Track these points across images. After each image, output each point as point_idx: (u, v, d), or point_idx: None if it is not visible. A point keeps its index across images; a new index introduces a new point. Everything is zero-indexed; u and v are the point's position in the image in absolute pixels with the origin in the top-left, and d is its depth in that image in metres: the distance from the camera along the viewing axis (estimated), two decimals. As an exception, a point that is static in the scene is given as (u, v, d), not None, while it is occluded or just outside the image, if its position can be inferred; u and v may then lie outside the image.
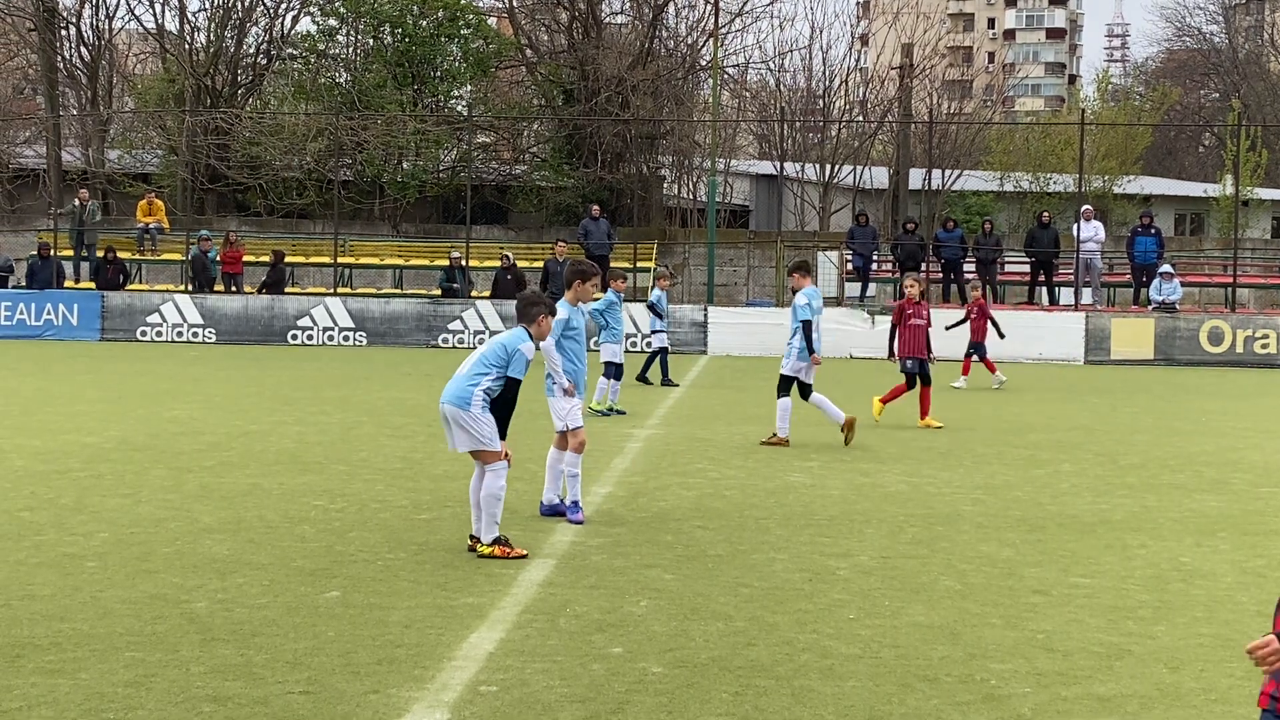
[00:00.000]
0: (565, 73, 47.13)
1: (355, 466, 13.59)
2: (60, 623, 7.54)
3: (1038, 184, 52.45)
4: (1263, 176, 55.28)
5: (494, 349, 9.60)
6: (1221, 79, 76.04)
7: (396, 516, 10.87)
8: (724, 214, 49.28)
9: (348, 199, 43.46)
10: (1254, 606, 8.42)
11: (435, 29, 45.98)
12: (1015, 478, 13.73)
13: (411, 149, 44.70)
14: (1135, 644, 7.48)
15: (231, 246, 37.16)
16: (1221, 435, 17.99)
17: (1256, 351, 32.95)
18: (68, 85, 51.40)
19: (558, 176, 45.02)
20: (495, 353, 9.55)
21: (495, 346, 9.62)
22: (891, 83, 57.47)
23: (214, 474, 12.98)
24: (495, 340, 9.75)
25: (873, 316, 34.07)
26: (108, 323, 35.14)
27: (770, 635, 7.50)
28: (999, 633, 7.65)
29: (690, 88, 51.87)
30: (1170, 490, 13.09)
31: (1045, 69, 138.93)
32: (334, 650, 7.08)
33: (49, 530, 10.13)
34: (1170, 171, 69.35)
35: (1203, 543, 10.45)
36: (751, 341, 33.59)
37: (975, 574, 9.17)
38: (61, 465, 13.33)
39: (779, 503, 11.95)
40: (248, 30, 49.26)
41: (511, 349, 9.53)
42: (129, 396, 20.80)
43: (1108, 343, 33.25)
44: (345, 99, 45.21)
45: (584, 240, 36.66)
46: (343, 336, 34.90)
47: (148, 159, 48.36)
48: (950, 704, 6.37)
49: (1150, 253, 35.58)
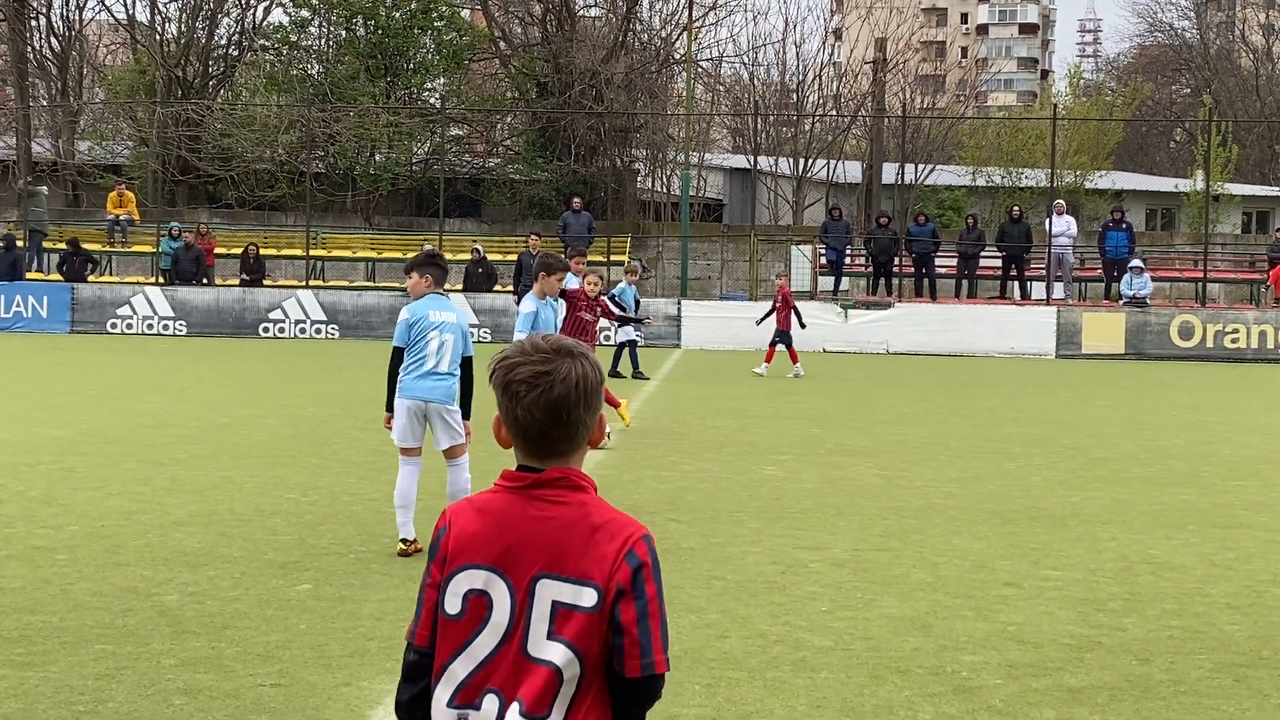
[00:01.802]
0: (539, 65, 47.05)
1: (327, 460, 13.54)
2: (30, 615, 7.50)
3: (1010, 179, 52.61)
4: (1233, 172, 55.57)
5: (461, 338, 9.38)
6: (1193, 74, 76.39)
7: (368, 510, 10.84)
8: (698, 208, 49.29)
9: (320, 191, 43.32)
10: (1223, 599, 8.47)
11: (408, 21, 45.84)
12: (987, 471, 13.78)
13: (384, 141, 44.56)
14: (1105, 636, 7.51)
15: (203, 239, 36.99)
16: (1191, 429, 18.09)
17: (1226, 346, 33.14)
18: (37, 76, 51.07)
19: (531, 170, 44.96)
20: (464, 342, 9.41)
21: (460, 335, 9.37)
22: (865, 77, 57.61)
23: (185, 467, 12.92)
24: (456, 328, 9.38)
25: (845, 311, 34.14)
26: (77, 315, 34.94)
27: (743, 627, 7.52)
28: (970, 625, 7.68)
29: (664, 81, 51.89)
30: (1141, 484, 13.15)
31: (1018, 64, 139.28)
32: (306, 643, 7.06)
33: (18, 523, 10.07)
34: (1142, 167, 69.66)
35: (1173, 536, 10.50)
36: (725, 335, 33.63)
37: (947, 566, 9.20)
38: (31, 458, 13.25)
39: (752, 496, 11.96)
40: (219, 21, 49.10)
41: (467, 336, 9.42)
42: (99, 389, 20.69)
43: (1079, 337, 33.40)
44: (317, 91, 45.05)
45: (562, 234, 36.63)
46: (315, 329, 34.79)
47: (118, 150, 48.08)
48: (922, 695, 6.39)
49: (1121, 247, 35.73)
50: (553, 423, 2.90)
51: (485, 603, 2.88)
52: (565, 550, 2.85)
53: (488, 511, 2.93)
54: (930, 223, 37.89)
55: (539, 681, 2.82)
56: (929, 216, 39.22)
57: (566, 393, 2.89)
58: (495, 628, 2.87)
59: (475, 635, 2.89)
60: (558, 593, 2.84)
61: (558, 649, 2.82)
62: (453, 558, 2.93)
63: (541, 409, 2.88)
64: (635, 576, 2.85)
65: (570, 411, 2.89)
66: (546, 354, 2.92)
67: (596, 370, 2.96)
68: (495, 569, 2.88)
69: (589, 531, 2.87)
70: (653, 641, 2.85)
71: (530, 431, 2.91)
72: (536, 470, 2.93)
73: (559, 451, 2.93)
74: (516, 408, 2.91)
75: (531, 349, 2.94)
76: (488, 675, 2.86)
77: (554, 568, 2.85)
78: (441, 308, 9.38)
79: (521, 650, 2.85)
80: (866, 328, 33.86)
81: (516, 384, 2.90)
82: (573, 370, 2.90)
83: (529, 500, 2.91)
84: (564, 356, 2.92)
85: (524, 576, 2.87)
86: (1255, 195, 56.85)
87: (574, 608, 2.83)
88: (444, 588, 2.93)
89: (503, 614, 2.87)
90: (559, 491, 2.91)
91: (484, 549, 2.90)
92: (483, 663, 2.87)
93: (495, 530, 2.90)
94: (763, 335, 27.31)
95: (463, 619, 2.90)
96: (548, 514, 2.89)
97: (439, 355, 9.28)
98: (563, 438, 2.92)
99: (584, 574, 2.84)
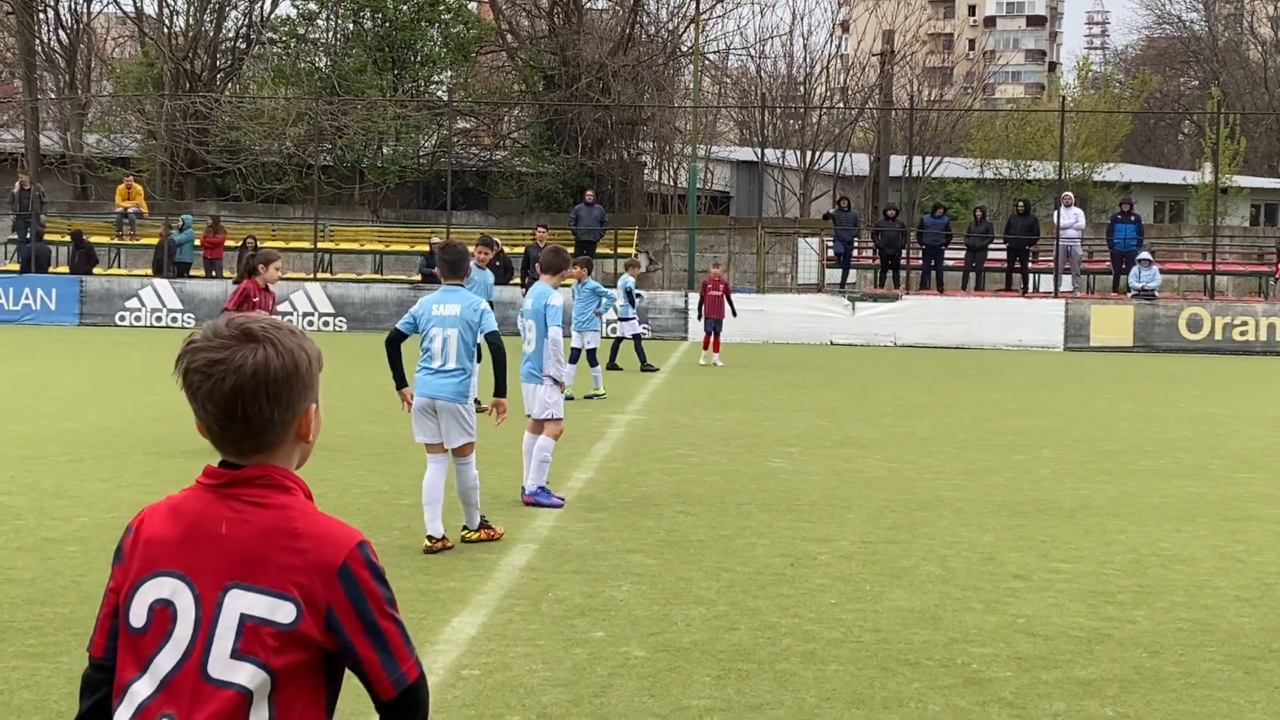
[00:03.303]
0: (546, 58, 47.00)
1: (336, 452, 13.55)
2: (41, 606, 7.52)
3: (1018, 171, 52.55)
4: (1241, 164, 55.45)
5: (467, 329, 9.21)
6: (1201, 67, 76.18)
7: (378, 501, 10.85)
8: (705, 200, 49.26)
9: (327, 184, 43.32)
10: (1233, 591, 8.47)
11: (415, 13, 45.80)
12: (996, 464, 13.77)
13: (391, 134, 44.54)
14: (1115, 628, 7.51)
15: (216, 232, 37.00)
16: (1200, 422, 18.06)
17: (1235, 339, 33.08)
18: (46, 69, 51.10)
19: (538, 162, 44.92)
20: (469, 337, 9.26)
21: (464, 326, 9.20)
22: (872, 69, 57.52)
23: (194, 459, 12.93)
24: (457, 320, 9.20)
25: (853, 303, 34.12)
26: (86, 307, 34.98)
27: (752, 619, 7.52)
28: (980, 617, 7.68)
29: (671, 74, 51.80)
30: (1149, 476, 13.14)
31: (1025, 56, 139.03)
32: (316, 634, 7.06)
33: (28, 515, 10.10)
34: (1150, 159, 69.56)
35: (1182, 528, 10.50)
36: (732, 328, 33.52)
37: (956, 559, 9.20)
38: (41, 450, 13.28)
39: (760, 488, 11.96)
40: (227, 14, 49.05)
41: (486, 318, 9.28)
42: (108, 381, 20.73)
43: (1087, 329, 33.35)
44: (325, 84, 45.03)
45: (574, 226, 36.63)
46: (322, 322, 34.81)
47: (126, 143, 48.10)
48: (931, 687, 6.39)
49: (1130, 240, 35.67)
50: (228, 418, 2.55)
51: (170, 614, 2.53)
52: (261, 558, 2.52)
53: (181, 512, 2.59)
54: (945, 215, 37.82)
55: (220, 707, 2.47)
56: (945, 209, 39.12)
57: (242, 384, 2.52)
58: (177, 643, 2.52)
59: (157, 651, 2.53)
60: (250, 605, 2.50)
61: (245, 669, 2.48)
62: (141, 564, 2.59)
63: (215, 402, 2.54)
64: (350, 591, 2.52)
65: (247, 405, 2.54)
66: (225, 339, 2.56)
67: (286, 355, 2.57)
68: (184, 576, 2.54)
69: (289, 538, 2.53)
70: (394, 653, 2.55)
71: (209, 425, 2.58)
72: (237, 467, 2.60)
73: (248, 449, 2.59)
74: (193, 401, 2.57)
75: (213, 333, 2.58)
76: (167, 699, 2.51)
77: (247, 577, 2.51)
78: (447, 300, 9.29)
79: (200, 671, 2.49)
80: (874, 320, 33.83)
81: (191, 373, 2.57)
82: (251, 358, 2.53)
83: (225, 500, 2.57)
84: (246, 341, 2.55)
85: (213, 586, 2.52)
86: (1264, 188, 56.75)
87: (266, 622, 2.49)
88: (131, 597, 2.58)
89: (186, 628, 2.52)
90: (259, 491, 2.58)
91: (174, 554, 2.56)
92: (162, 683, 2.51)
93: (186, 533, 2.56)
94: (756, 327, 27.37)
95: (147, 633, 2.55)
96: (244, 516, 2.55)
97: (443, 353, 9.20)
98: (245, 435, 2.57)
99: (280, 586, 2.50)
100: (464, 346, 9.23)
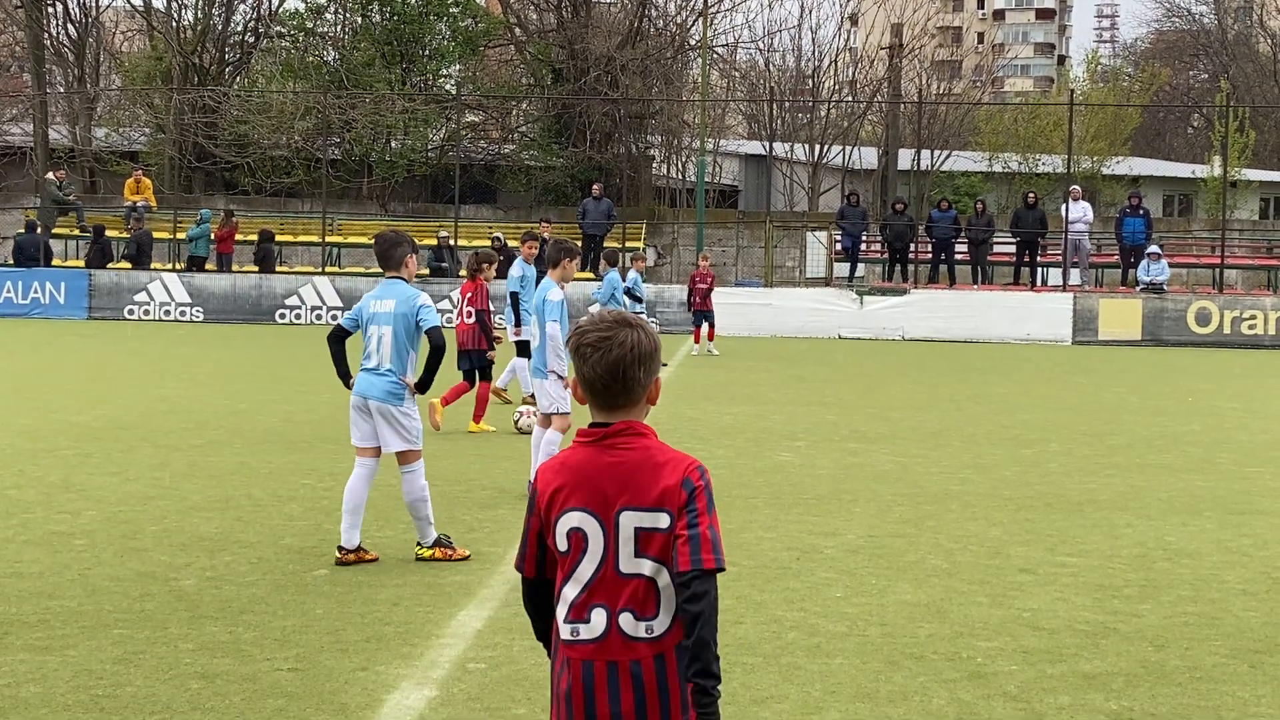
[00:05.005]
0: (554, 52, 46.98)
1: (343, 445, 13.51)
2: (48, 600, 7.54)
3: (1026, 165, 52.45)
4: (1250, 157, 55.35)
5: (403, 325, 8.64)
6: (1210, 60, 76.04)
7: (384, 495, 10.86)
8: (713, 194, 49.21)
9: (336, 178, 43.32)
10: (1239, 585, 8.46)
11: (424, 7, 45.79)
12: (1003, 457, 13.76)
13: (400, 128, 44.54)
14: (1121, 622, 7.51)
15: (229, 225, 37.01)
16: (1208, 415, 18.04)
17: (1243, 332, 33.02)
18: (55, 62, 51.14)
19: (546, 156, 44.92)
20: (417, 320, 8.69)
21: (400, 323, 8.63)
22: (881, 63, 57.47)
23: (202, 453, 12.97)
24: (391, 317, 8.64)
25: (861, 297, 34.09)
26: (95, 301, 35.02)
27: (758, 613, 7.53)
28: (985, 611, 7.68)
29: (679, 67, 51.76)
30: (1157, 470, 13.13)
31: (1034, 49, 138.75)
32: (322, 628, 7.09)
33: (37, 508, 10.12)
34: (1159, 152, 69.39)
35: (1189, 522, 10.49)
36: (740, 322, 33.56)
37: (962, 553, 9.20)
38: (49, 443, 13.31)
39: (767, 482, 11.97)
40: (235, 8, 49.09)
41: (424, 312, 8.70)
42: (116, 375, 20.76)
43: (1095, 323, 33.31)
44: (333, 77, 45.05)
45: (581, 220, 36.63)
46: (331, 315, 34.79)
47: (135, 137, 48.16)
48: (937, 681, 6.40)
49: (1138, 233, 35.59)
50: (612, 378, 3.53)
51: (582, 537, 3.50)
52: (639, 485, 3.48)
53: (569, 465, 3.55)
54: (952, 208, 37.78)
55: (637, 591, 3.47)
56: (951, 202, 39.09)
57: (624, 354, 3.52)
58: (592, 555, 3.50)
59: (578, 563, 3.51)
60: (639, 520, 3.47)
61: (646, 564, 3.47)
62: (549, 506, 3.54)
63: (604, 368, 3.52)
64: (690, 497, 3.47)
65: (627, 370, 3.52)
66: (610, 324, 3.56)
67: (652, 339, 3.58)
68: (587, 509, 3.50)
69: (654, 468, 3.50)
70: (702, 543, 3.43)
71: (595, 387, 3.55)
72: (605, 425, 3.56)
73: (620, 404, 3.56)
74: (584, 367, 3.54)
75: (600, 320, 3.59)
76: (592, 594, 3.49)
77: (632, 500, 3.48)
78: (384, 296, 8.71)
79: (615, 569, 3.48)
80: (882, 314, 33.80)
81: (585, 347, 3.54)
82: (629, 337, 3.53)
83: (603, 449, 3.53)
84: (624, 326, 3.56)
85: (609, 510, 3.49)
86: (1273, 181, 56.61)
87: (653, 530, 3.46)
88: (552, 530, 3.54)
89: (598, 544, 3.49)
90: (626, 439, 3.54)
91: (575, 494, 3.51)
92: (586, 584, 3.49)
93: (580, 478, 3.52)
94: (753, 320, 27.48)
95: (570, 553, 3.51)
96: (620, 459, 3.52)
97: (378, 352, 8.64)
98: (621, 392, 3.55)
99: (657, 502, 3.46)
100: (398, 345, 8.62)
